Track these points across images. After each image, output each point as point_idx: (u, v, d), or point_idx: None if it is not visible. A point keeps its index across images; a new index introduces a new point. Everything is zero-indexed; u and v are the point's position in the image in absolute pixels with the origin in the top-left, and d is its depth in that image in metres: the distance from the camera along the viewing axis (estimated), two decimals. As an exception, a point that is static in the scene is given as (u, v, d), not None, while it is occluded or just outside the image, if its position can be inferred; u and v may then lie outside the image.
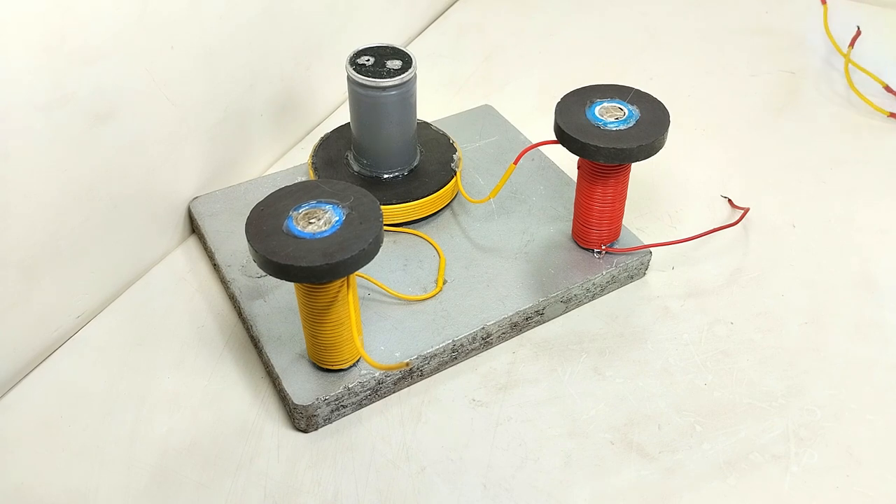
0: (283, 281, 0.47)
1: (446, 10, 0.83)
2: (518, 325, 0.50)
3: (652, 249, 0.53)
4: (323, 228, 0.40)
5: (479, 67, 0.75)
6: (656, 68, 0.74)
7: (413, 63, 0.52)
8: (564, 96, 0.50)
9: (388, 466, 0.43)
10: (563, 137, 0.48)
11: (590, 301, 0.52)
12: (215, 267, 0.53)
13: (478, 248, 0.53)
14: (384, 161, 0.55)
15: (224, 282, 0.52)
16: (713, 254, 0.56)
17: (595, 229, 0.51)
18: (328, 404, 0.44)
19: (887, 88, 0.69)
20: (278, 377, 0.45)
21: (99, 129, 0.47)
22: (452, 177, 0.55)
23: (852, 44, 0.75)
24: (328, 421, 0.45)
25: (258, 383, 0.47)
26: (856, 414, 0.46)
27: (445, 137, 0.59)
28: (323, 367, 0.45)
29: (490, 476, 0.43)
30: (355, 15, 0.67)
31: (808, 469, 0.44)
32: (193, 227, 0.57)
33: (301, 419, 0.44)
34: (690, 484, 0.43)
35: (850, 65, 0.72)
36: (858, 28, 0.76)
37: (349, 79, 0.52)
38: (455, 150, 0.57)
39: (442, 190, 0.55)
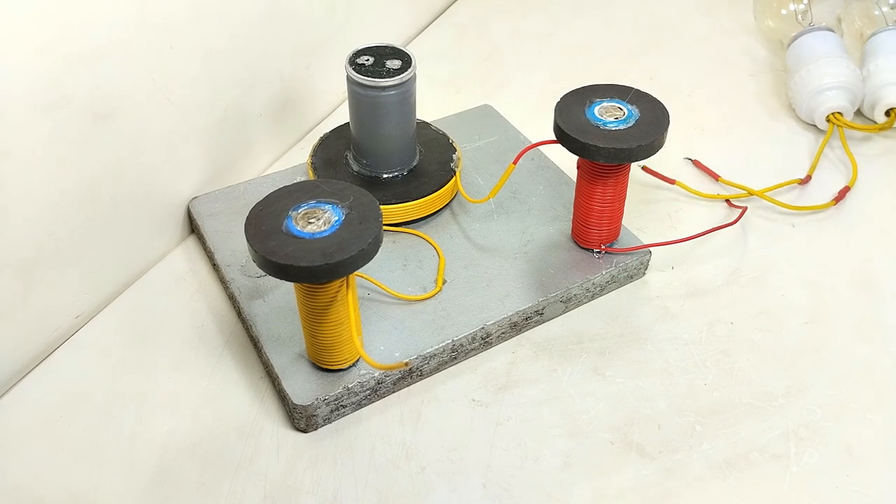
0: (283, 281, 0.47)
1: (446, 9, 0.83)
2: (518, 325, 0.50)
3: (651, 249, 0.53)
4: (322, 228, 0.40)
5: (479, 67, 0.75)
6: (656, 68, 0.74)
7: (413, 63, 0.52)
8: (564, 96, 0.50)
9: (388, 466, 0.43)
10: (563, 137, 0.48)
11: (589, 301, 0.52)
12: (215, 267, 0.53)
13: (477, 248, 0.53)
14: (384, 161, 0.55)
15: (224, 282, 0.52)
16: (713, 254, 0.56)
17: (595, 229, 0.51)
18: (328, 404, 0.44)
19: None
20: (278, 377, 0.45)
21: (99, 129, 0.47)
22: (452, 177, 0.55)
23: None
24: (328, 421, 0.45)
25: (258, 383, 0.47)
26: (856, 414, 0.46)
27: (445, 137, 0.59)
28: (322, 367, 0.45)
29: (490, 476, 0.43)
30: (355, 15, 0.67)
31: (808, 469, 0.43)
32: (193, 227, 0.57)
33: (301, 419, 0.44)
34: (690, 484, 0.43)
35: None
36: None
37: (349, 79, 0.52)
38: (455, 150, 0.57)
39: (441, 190, 0.55)
